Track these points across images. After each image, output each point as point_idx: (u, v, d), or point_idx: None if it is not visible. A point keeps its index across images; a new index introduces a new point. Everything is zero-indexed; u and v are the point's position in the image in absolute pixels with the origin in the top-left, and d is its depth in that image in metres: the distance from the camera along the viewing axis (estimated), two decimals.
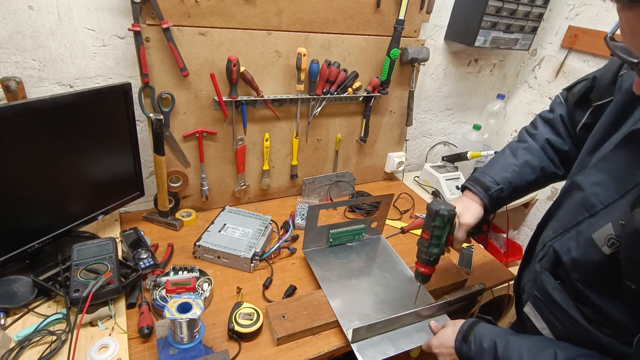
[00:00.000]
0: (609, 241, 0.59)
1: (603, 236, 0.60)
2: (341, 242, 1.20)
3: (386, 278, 1.09)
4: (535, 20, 1.55)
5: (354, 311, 0.97)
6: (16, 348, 0.76)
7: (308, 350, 0.89)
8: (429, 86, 1.71)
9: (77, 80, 1.07)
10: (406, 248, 1.28)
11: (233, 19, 1.11)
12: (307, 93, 1.30)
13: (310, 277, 1.10)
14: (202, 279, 1.01)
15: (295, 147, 1.40)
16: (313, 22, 1.22)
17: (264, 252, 1.14)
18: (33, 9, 0.95)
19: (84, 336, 0.82)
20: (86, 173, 1.01)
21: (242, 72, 1.16)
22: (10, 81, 0.95)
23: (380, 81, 1.40)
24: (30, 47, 0.98)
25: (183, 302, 0.77)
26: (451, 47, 1.63)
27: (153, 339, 0.86)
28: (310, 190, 1.45)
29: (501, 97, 1.77)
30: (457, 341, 0.80)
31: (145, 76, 1.06)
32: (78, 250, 0.91)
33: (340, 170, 1.57)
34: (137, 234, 1.11)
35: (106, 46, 1.06)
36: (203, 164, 1.27)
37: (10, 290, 0.88)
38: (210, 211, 1.35)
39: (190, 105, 1.17)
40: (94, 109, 0.96)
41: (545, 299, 0.71)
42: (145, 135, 1.20)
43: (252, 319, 0.91)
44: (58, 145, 0.92)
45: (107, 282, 0.84)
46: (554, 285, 0.68)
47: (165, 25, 1.02)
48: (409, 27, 1.38)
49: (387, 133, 1.60)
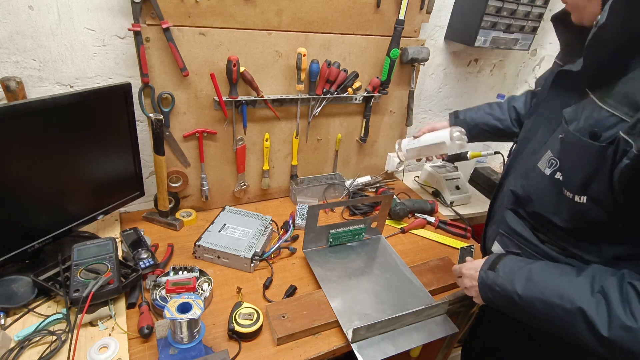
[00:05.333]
0: (549, 162, 0.75)
1: (545, 161, 0.76)
2: (341, 242, 1.20)
3: (386, 278, 1.09)
4: (535, 20, 1.55)
5: (354, 311, 0.97)
6: (16, 348, 0.76)
7: (308, 350, 0.89)
8: (429, 86, 1.71)
9: (77, 80, 1.07)
10: (406, 248, 1.28)
11: (233, 19, 1.11)
12: (307, 93, 1.30)
13: (310, 277, 1.10)
14: (202, 279, 1.01)
15: (295, 147, 1.40)
16: (313, 22, 1.22)
17: (264, 252, 1.14)
18: (33, 9, 0.95)
19: (84, 336, 0.82)
20: (86, 173, 1.01)
21: (242, 72, 1.16)
22: (10, 81, 0.95)
23: (380, 81, 1.40)
24: (30, 47, 0.98)
25: (183, 302, 0.77)
26: (451, 47, 1.63)
27: (153, 339, 0.86)
28: (297, 191, 1.43)
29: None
30: (482, 271, 0.82)
31: (145, 76, 1.06)
32: (78, 250, 0.91)
33: (340, 170, 1.57)
34: (137, 234, 1.11)
35: (106, 46, 1.06)
36: (203, 164, 1.27)
37: (10, 290, 0.88)
38: (210, 211, 1.35)
39: (190, 105, 1.17)
40: (94, 109, 0.96)
41: (508, 232, 0.86)
42: (145, 135, 1.20)
43: (252, 319, 0.91)
44: (58, 145, 0.92)
45: (107, 282, 0.84)
46: (515, 220, 0.84)
47: (165, 25, 1.02)
48: (409, 27, 1.38)
49: (387, 133, 1.60)
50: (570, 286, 0.67)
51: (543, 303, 0.69)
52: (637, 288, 0.60)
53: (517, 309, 0.75)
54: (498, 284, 0.77)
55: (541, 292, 0.70)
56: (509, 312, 0.78)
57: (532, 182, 0.80)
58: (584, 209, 0.67)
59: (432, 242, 1.34)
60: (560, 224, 0.73)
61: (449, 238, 1.35)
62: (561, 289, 0.67)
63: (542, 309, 0.69)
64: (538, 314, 0.70)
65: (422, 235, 1.36)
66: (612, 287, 0.62)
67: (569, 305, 0.65)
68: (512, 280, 0.74)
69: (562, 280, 0.69)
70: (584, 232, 0.71)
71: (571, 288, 0.66)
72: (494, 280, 0.78)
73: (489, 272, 0.80)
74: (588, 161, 0.64)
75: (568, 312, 0.65)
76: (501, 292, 0.76)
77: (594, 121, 0.64)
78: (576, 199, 0.67)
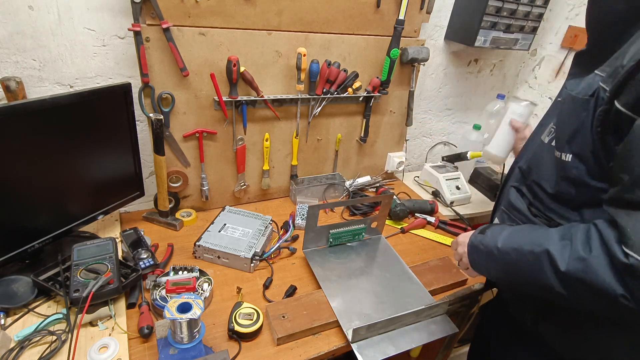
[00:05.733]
0: (549, 131, 0.79)
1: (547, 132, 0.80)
2: (341, 242, 1.20)
3: (386, 278, 1.09)
4: (535, 20, 1.55)
5: (354, 311, 0.97)
6: (16, 348, 0.76)
7: (308, 350, 0.89)
8: (429, 86, 1.70)
9: (77, 80, 1.07)
10: (406, 248, 1.28)
11: (233, 19, 1.11)
12: (307, 93, 1.30)
13: (310, 277, 1.10)
14: (202, 279, 1.01)
15: (295, 147, 1.40)
16: (313, 22, 1.22)
17: (264, 252, 1.14)
18: (33, 9, 0.95)
19: (84, 336, 0.82)
20: (86, 173, 1.01)
21: (242, 72, 1.16)
22: (10, 81, 0.95)
23: (380, 81, 1.40)
24: (30, 47, 0.98)
25: (183, 302, 0.77)
26: (451, 47, 1.63)
27: (153, 339, 0.86)
28: (297, 191, 1.43)
29: (501, 97, 1.77)
30: (472, 235, 0.87)
31: (145, 76, 1.06)
32: (78, 250, 0.91)
33: (340, 170, 1.57)
34: (137, 234, 1.11)
35: (106, 46, 1.06)
36: (203, 164, 1.27)
37: (10, 290, 0.88)
38: (210, 211, 1.35)
39: (190, 105, 1.17)
40: (94, 109, 0.96)
41: (507, 208, 0.89)
42: (145, 135, 1.20)
43: (252, 319, 0.91)
44: (58, 145, 0.92)
45: (107, 282, 0.84)
46: (516, 196, 0.87)
47: (165, 25, 1.02)
48: (409, 27, 1.38)
49: (387, 133, 1.60)
50: (542, 235, 0.70)
51: (516, 251, 0.72)
52: (599, 226, 0.62)
53: (493, 264, 0.79)
54: (484, 243, 0.81)
55: (517, 243, 0.73)
56: (487, 269, 0.83)
57: (534, 154, 0.85)
58: (568, 167, 0.71)
59: (432, 242, 1.34)
60: (549, 189, 0.77)
61: (449, 238, 1.35)
62: (534, 238, 0.71)
63: (514, 257, 0.73)
64: (511, 263, 0.74)
65: (422, 235, 1.36)
66: (579, 231, 0.64)
67: (537, 249, 0.68)
68: (496, 238, 0.78)
69: (538, 232, 0.72)
70: (567, 197, 0.74)
71: (543, 236, 0.69)
72: (480, 240, 0.83)
73: (478, 235, 0.85)
74: (575, 115, 0.68)
75: (536, 256, 0.68)
76: (484, 250, 0.81)
77: (587, 84, 0.68)
78: (563, 158, 0.72)
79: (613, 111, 0.61)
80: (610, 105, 0.61)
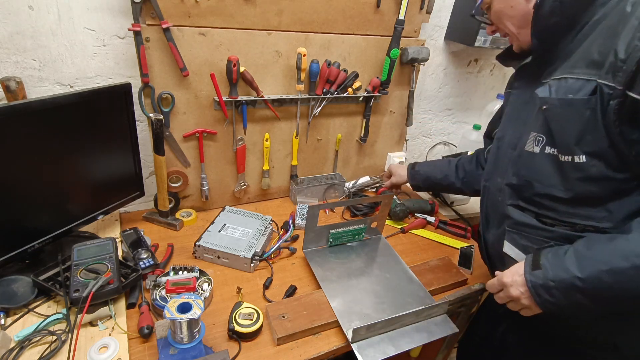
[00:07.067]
0: (536, 141, 0.77)
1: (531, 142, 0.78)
2: (341, 242, 1.20)
3: (386, 278, 1.09)
4: None
5: (354, 311, 0.97)
6: (16, 348, 0.76)
7: (308, 350, 0.89)
8: (429, 86, 1.71)
9: (77, 80, 1.07)
10: (406, 248, 1.28)
11: (233, 19, 1.11)
12: (307, 93, 1.30)
13: (310, 277, 1.10)
14: (202, 279, 1.01)
15: (295, 147, 1.40)
16: (313, 22, 1.22)
17: (264, 252, 1.14)
18: (33, 9, 0.95)
19: (84, 336, 0.82)
20: (86, 173, 1.01)
21: (242, 72, 1.16)
22: (10, 81, 0.95)
23: (380, 81, 1.40)
24: (30, 47, 0.98)
25: (183, 302, 0.77)
26: (451, 47, 1.63)
27: (153, 339, 0.86)
28: (297, 191, 1.43)
29: (501, 97, 1.77)
30: (526, 274, 0.75)
31: (145, 76, 1.06)
32: (78, 250, 0.91)
33: (340, 170, 1.57)
34: (137, 234, 1.11)
35: (106, 46, 1.06)
36: (203, 164, 1.27)
37: (10, 290, 0.88)
38: (210, 211, 1.35)
39: (190, 105, 1.17)
40: (94, 109, 0.96)
41: (515, 228, 0.84)
42: (145, 135, 1.20)
43: (252, 319, 0.91)
44: (58, 145, 0.92)
45: (107, 282, 0.84)
46: (519, 213, 0.83)
47: (165, 25, 1.02)
48: (409, 27, 1.38)
49: (387, 133, 1.60)
50: (627, 244, 0.64)
51: (609, 273, 0.64)
52: None
53: (581, 296, 0.68)
54: (551, 278, 0.71)
55: (603, 264, 0.65)
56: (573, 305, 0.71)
57: (525, 166, 0.81)
58: (586, 167, 0.69)
59: (432, 242, 1.34)
60: (564, 195, 0.74)
61: (449, 238, 1.35)
62: (619, 251, 0.64)
63: (610, 280, 0.64)
64: (607, 288, 0.65)
65: (422, 235, 1.36)
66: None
67: (638, 261, 0.62)
68: (565, 268, 0.69)
69: (615, 244, 0.66)
70: (588, 196, 0.72)
71: (630, 245, 0.64)
72: (544, 276, 0.72)
73: (535, 272, 0.73)
74: (577, 116, 0.68)
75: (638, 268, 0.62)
76: (559, 286, 0.70)
77: (564, 89, 0.70)
78: (576, 160, 0.70)
79: (628, 102, 0.62)
80: (624, 97, 0.62)
